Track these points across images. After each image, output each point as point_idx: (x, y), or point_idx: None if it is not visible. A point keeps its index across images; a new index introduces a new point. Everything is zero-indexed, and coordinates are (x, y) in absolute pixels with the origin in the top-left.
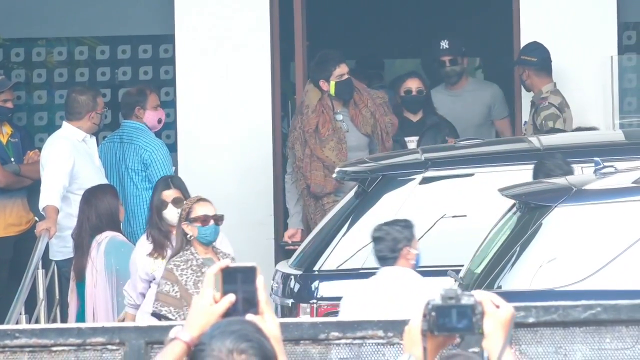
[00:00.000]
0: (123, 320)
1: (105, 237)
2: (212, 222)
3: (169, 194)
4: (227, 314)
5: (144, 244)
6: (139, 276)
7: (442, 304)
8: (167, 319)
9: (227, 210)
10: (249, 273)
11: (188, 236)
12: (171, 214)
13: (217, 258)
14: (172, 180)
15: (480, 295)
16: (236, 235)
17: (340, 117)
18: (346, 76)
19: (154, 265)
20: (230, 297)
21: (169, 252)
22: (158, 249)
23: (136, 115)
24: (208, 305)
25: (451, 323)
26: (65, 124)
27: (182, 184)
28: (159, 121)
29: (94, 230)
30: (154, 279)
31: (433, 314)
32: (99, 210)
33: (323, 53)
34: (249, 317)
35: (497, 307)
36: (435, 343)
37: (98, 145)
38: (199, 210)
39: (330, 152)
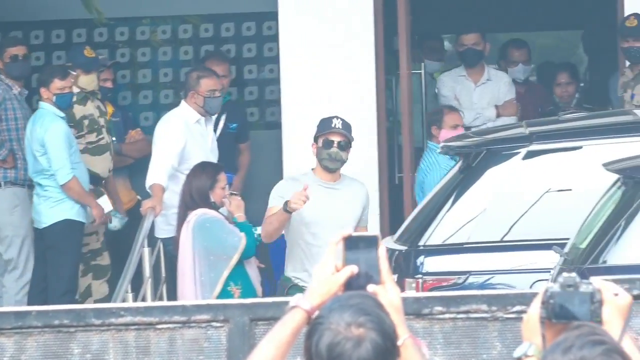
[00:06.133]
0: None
1: (194, 215)
2: None
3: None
4: (349, 283)
5: None
6: None
7: (561, 291)
8: None
9: None
10: (371, 242)
11: None
12: None
13: None
14: None
15: (599, 283)
16: None
17: None
18: None
19: None
20: (352, 268)
21: None
22: None
23: None
24: (330, 274)
25: (570, 310)
26: (182, 102)
27: None
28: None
29: (187, 206)
30: None
31: (551, 301)
32: (192, 186)
33: None
34: (370, 286)
35: (616, 295)
36: (554, 331)
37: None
38: None
39: None
